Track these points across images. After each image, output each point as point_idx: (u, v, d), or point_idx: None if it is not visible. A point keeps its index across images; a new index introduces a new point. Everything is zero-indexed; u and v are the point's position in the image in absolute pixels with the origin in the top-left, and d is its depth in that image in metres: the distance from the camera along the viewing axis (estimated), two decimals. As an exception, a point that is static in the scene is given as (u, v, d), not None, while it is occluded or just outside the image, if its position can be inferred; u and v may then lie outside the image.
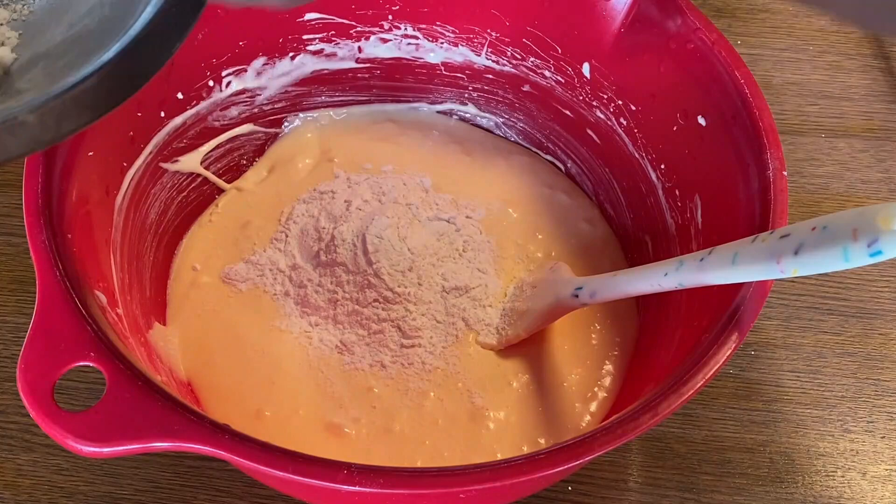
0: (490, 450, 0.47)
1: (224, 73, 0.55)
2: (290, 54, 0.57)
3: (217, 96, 0.55)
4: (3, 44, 0.34)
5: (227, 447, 0.34)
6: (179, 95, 0.53)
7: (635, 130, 0.53)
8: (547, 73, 0.57)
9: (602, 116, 0.55)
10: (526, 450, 0.47)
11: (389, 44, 0.59)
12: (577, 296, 0.47)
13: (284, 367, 0.50)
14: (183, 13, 0.32)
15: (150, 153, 0.51)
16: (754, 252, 0.35)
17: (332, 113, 0.62)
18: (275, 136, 0.61)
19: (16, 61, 0.33)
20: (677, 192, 0.51)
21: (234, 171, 0.59)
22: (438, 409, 0.49)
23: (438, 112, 0.63)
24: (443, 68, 0.60)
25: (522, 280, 0.53)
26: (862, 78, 0.70)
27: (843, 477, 0.51)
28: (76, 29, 0.33)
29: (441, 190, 0.57)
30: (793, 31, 0.72)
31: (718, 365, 0.37)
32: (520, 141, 0.62)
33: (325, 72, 0.59)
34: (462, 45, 0.58)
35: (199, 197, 0.57)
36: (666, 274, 0.40)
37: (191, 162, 0.55)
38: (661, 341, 0.47)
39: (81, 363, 0.35)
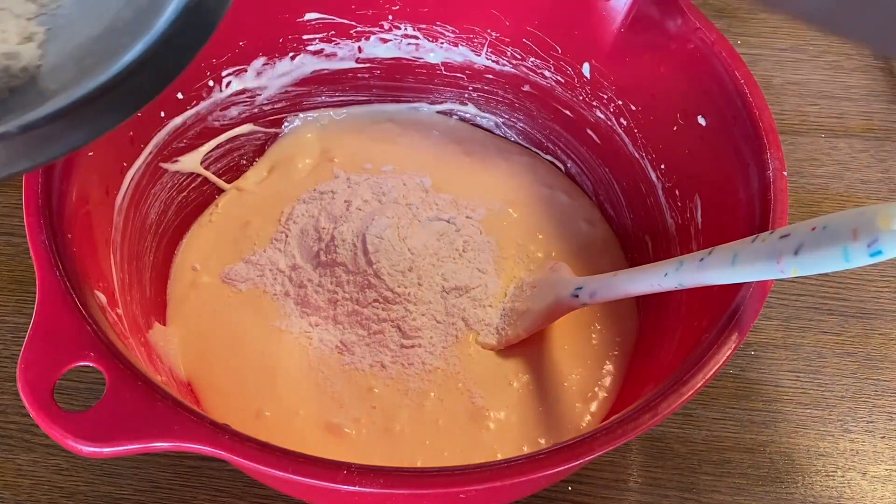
0: (490, 450, 0.47)
1: (224, 73, 0.55)
2: (290, 54, 0.57)
3: (217, 96, 0.55)
4: (29, 39, 0.32)
5: (227, 447, 0.34)
6: (179, 95, 0.53)
7: (635, 130, 0.53)
8: (547, 73, 0.57)
9: (602, 116, 0.55)
10: (526, 450, 0.47)
11: (389, 44, 0.59)
12: (576, 296, 0.47)
13: (284, 367, 0.50)
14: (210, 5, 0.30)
15: (150, 153, 0.51)
16: (754, 252, 0.35)
17: (332, 113, 0.62)
18: (275, 136, 0.61)
19: (43, 59, 0.32)
20: (677, 192, 0.51)
21: (234, 171, 0.59)
22: (439, 409, 0.49)
23: (438, 112, 0.63)
24: (443, 68, 0.60)
25: (522, 280, 0.53)
26: (862, 78, 0.70)
27: (843, 477, 0.51)
28: (111, 22, 0.32)
29: (441, 190, 0.57)
30: (793, 31, 0.72)
31: (718, 365, 0.37)
32: (520, 141, 0.62)
33: (325, 72, 0.59)
34: (462, 45, 0.58)
35: (199, 197, 0.57)
36: (666, 274, 0.40)
37: (191, 162, 0.55)
38: (661, 341, 0.47)
39: (81, 363, 0.35)
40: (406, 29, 0.58)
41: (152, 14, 0.30)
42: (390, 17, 0.57)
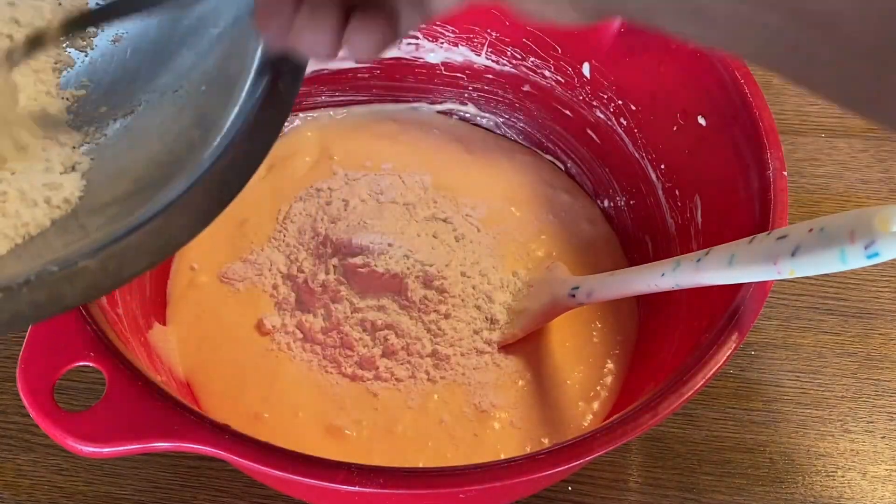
0: (493, 450, 0.47)
1: (224, 74, 0.55)
2: (291, 54, 0.57)
3: (217, 96, 0.55)
4: (73, 168, 0.32)
5: (227, 447, 0.34)
6: (180, 95, 0.53)
7: (635, 130, 0.53)
8: (547, 73, 0.57)
9: (602, 116, 0.55)
10: (529, 449, 0.47)
11: (389, 44, 0.59)
12: (573, 295, 0.47)
13: (283, 368, 0.49)
14: (255, 146, 0.30)
15: (151, 153, 0.51)
16: (751, 253, 0.35)
17: (331, 112, 0.62)
18: (275, 136, 0.60)
19: (85, 190, 0.31)
20: (677, 192, 0.51)
21: (234, 171, 0.59)
22: (441, 410, 0.48)
23: (438, 112, 0.63)
24: (443, 68, 0.60)
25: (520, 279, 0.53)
26: (862, 78, 0.69)
27: (843, 477, 0.51)
28: (156, 155, 0.31)
29: (442, 188, 0.57)
30: (793, 30, 0.72)
31: (718, 365, 0.37)
32: (520, 141, 0.62)
33: (325, 72, 0.59)
34: (462, 45, 0.58)
35: (200, 197, 0.57)
36: (663, 274, 0.40)
37: (191, 162, 0.55)
38: (662, 341, 0.47)
39: (81, 363, 0.35)
40: (406, 29, 0.58)
41: (202, 148, 0.30)
42: (390, 17, 0.57)
